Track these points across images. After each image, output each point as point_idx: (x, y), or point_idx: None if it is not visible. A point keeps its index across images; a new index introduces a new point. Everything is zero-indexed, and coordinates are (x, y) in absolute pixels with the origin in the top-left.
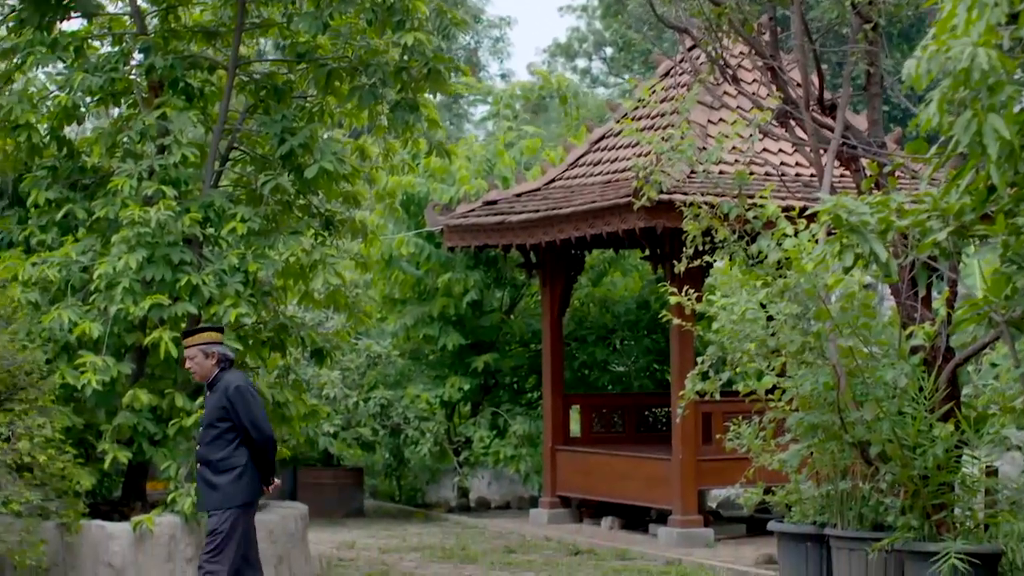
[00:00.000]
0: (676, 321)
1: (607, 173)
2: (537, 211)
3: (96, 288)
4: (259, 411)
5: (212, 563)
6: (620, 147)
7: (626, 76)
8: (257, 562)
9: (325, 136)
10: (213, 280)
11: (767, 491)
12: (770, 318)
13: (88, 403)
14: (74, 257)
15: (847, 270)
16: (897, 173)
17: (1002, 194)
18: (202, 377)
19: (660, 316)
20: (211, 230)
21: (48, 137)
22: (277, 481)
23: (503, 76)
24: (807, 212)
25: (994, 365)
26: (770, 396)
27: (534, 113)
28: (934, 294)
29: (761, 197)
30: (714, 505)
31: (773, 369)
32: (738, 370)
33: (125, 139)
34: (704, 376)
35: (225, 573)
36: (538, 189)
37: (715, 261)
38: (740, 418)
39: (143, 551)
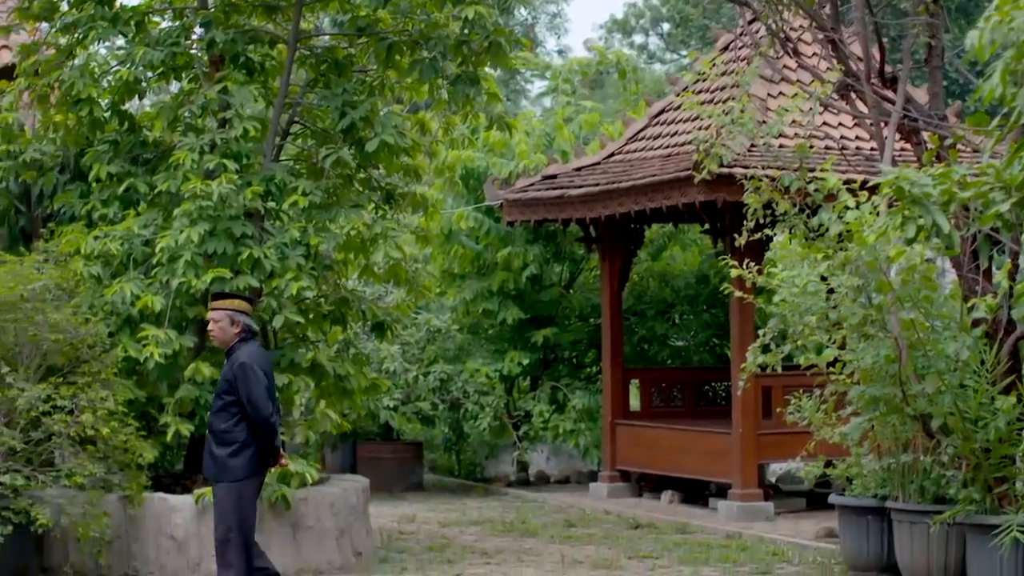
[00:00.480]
0: (737, 294)
1: (667, 147)
2: (597, 185)
3: (158, 262)
4: (259, 390)
5: (220, 542)
6: (680, 121)
7: (683, 52)
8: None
9: (384, 111)
10: (275, 253)
11: (827, 464)
12: (831, 291)
13: (150, 376)
14: (136, 231)
15: (909, 242)
16: (958, 146)
17: None
18: (221, 343)
19: (720, 290)
20: (272, 204)
21: (109, 112)
22: (285, 460)
23: (560, 52)
24: (868, 185)
25: None
26: (831, 369)
27: (591, 89)
28: (994, 267)
29: (822, 170)
30: (773, 480)
31: (834, 342)
32: (799, 343)
33: (186, 113)
34: (765, 349)
35: (239, 545)
36: (597, 163)
37: (775, 235)
38: (800, 392)
39: (205, 523)
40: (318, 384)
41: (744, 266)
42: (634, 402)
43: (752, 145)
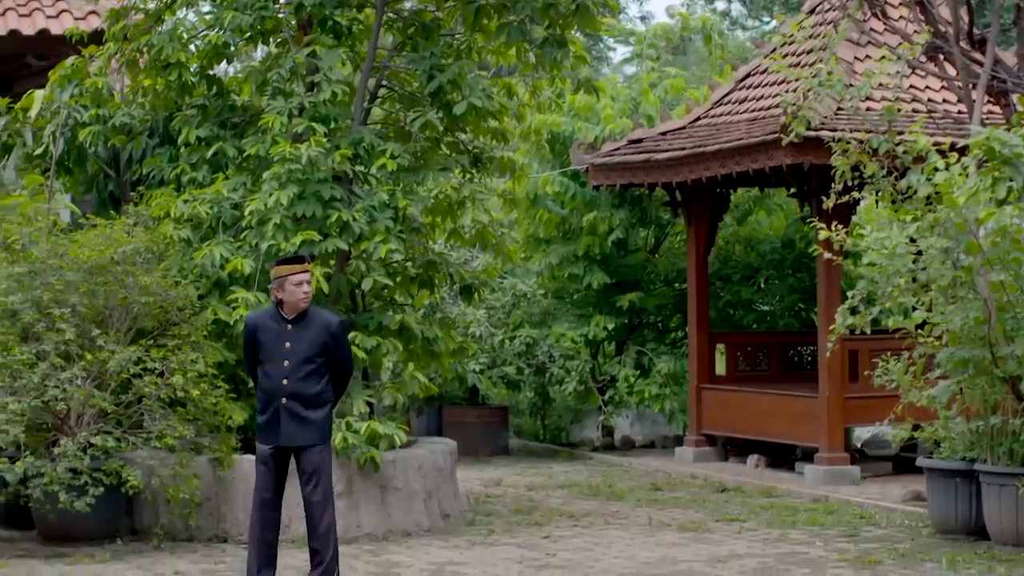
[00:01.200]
0: (826, 255)
1: (753, 111)
2: (683, 149)
3: (247, 225)
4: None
5: (327, 501)
6: (766, 84)
7: (765, 18)
8: None
9: (470, 74)
10: (363, 216)
11: (915, 428)
12: (919, 253)
13: (239, 339)
14: (225, 194)
15: (1000, 203)
16: None
17: None
18: (306, 306)
19: (806, 255)
20: (360, 167)
21: (198, 76)
22: None
23: (643, 19)
24: (956, 147)
25: None
26: (920, 331)
27: (674, 55)
28: None
29: (911, 132)
30: (859, 444)
31: (922, 304)
32: (888, 305)
33: (275, 77)
34: (854, 311)
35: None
36: (683, 127)
37: (862, 198)
38: (888, 355)
39: (294, 485)
40: (406, 347)
41: (831, 229)
42: (720, 367)
43: (839, 108)
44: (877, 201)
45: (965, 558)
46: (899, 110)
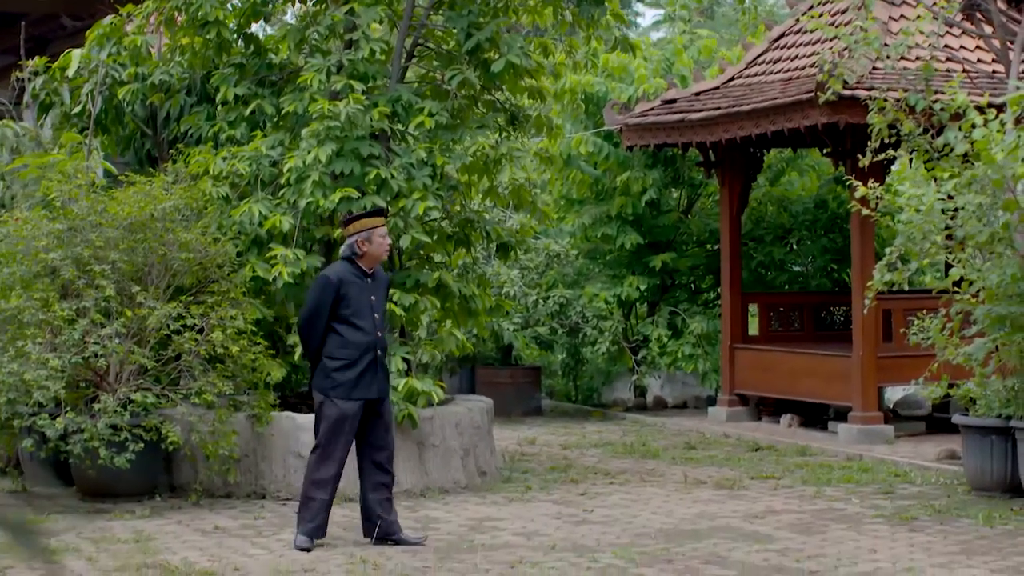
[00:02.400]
0: (864, 212)
1: (787, 71)
2: (717, 108)
3: (286, 182)
4: None
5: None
6: (800, 45)
7: None
8: None
9: (505, 32)
10: (401, 174)
11: (950, 386)
12: (955, 210)
13: (278, 296)
14: (264, 151)
15: None
16: None
17: None
18: (387, 258)
19: (839, 214)
20: (398, 125)
21: (236, 34)
22: None
23: None
24: (993, 105)
25: None
26: (956, 289)
27: (703, 18)
28: None
29: (949, 87)
30: (891, 405)
31: (959, 261)
32: (926, 262)
33: (313, 35)
34: (892, 267)
35: None
36: (717, 88)
37: (897, 156)
38: (924, 313)
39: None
40: (443, 304)
41: (867, 187)
42: (752, 328)
43: (874, 67)
44: (911, 160)
45: (1001, 514)
46: (935, 69)
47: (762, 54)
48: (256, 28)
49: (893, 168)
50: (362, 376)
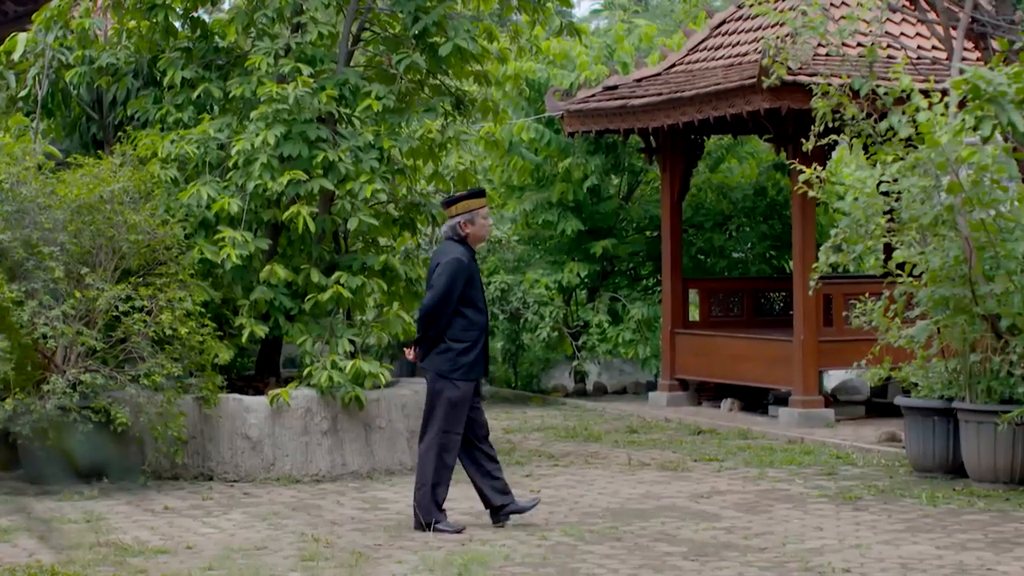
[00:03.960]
0: (811, 194)
1: (729, 57)
2: (659, 95)
3: (234, 164)
4: None
5: None
6: (741, 31)
7: None
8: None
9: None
10: (349, 157)
11: (892, 368)
12: (899, 193)
13: (225, 278)
14: (211, 134)
15: (985, 140)
16: None
17: None
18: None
19: (777, 201)
20: (346, 109)
21: (182, 18)
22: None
23: None
24: (936, 90)
25: None
26: (900, 271)
27: (640, 8)
28: None
29: (893, 73)
30: (829, 390)
31: (902, 244)
32: (870, 243)
33: (260, 18)
34: (837, 249)
35: None
36: (658, 74)
37: (838, 141)
38: (866, 296)
39: (279, 424)
40: (389, 287)
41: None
42: (693, 314)
43: (816, 53)
44: (851, 146)
45: (944, 494)
46: (879, 55)
47: (703, 41)
48: (203, 11)
49: (833, 155)
50: (480, 356)
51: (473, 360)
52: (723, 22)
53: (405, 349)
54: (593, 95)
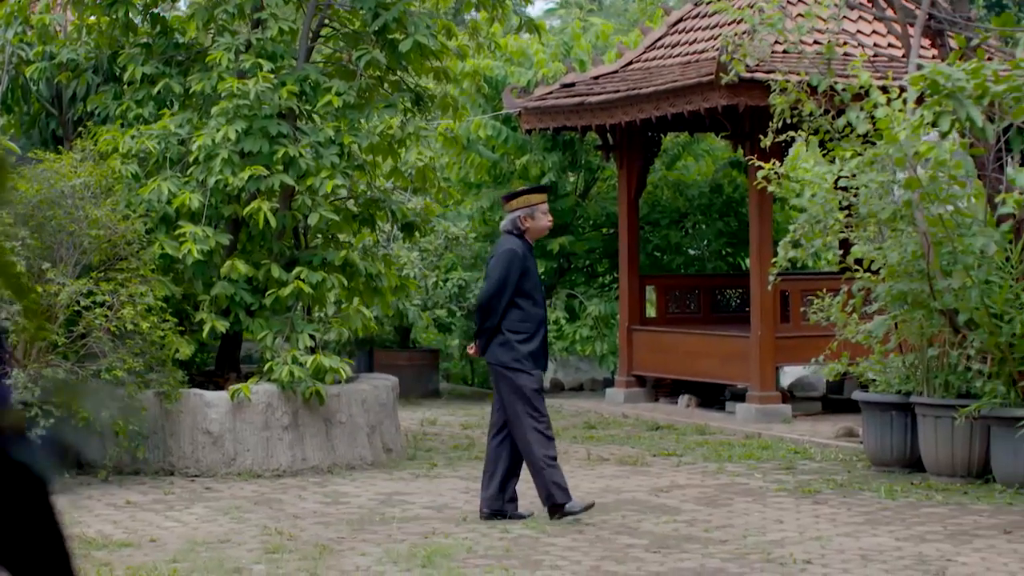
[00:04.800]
0: (770, 188)
1: (686, 55)
2: (616, 92)
3: (195, 160)
4: None
5: None
6: (699, 29)
7: None
8: None
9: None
10: (309, 152)
11: (849, 364)
12: (857, 189)
13: (186, 274)
14: (172, 129)
15: (944, 135)
16: (983, 48)
17: None
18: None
19: (734, 198)
20: (306, 105)
21: (142, 14)
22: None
23: None
24: (894, 85)
25: None
26: (858, 267)
27: (595, 7)
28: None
29: (852, 69)
30: (786, 387)
31: (861, 239)
32: (828, 238)
33: (221, 14)
34: (796, 244)
35: None
36: (616, 72)
37: (795, 138)
38: (824, 292)
39: (241, 419)
40: (349, 283)
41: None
42: (650, 311)
43: (773, 51)
44: (807, 143)
45: (902, 487)
46: (840, 48)
47: (660, 38)
48: (163, 7)
49: (791, 151)
50: (541, 348)
51: (534, 350)
52: (680, 19)
53: (467, 346)
54: (550, 92)
